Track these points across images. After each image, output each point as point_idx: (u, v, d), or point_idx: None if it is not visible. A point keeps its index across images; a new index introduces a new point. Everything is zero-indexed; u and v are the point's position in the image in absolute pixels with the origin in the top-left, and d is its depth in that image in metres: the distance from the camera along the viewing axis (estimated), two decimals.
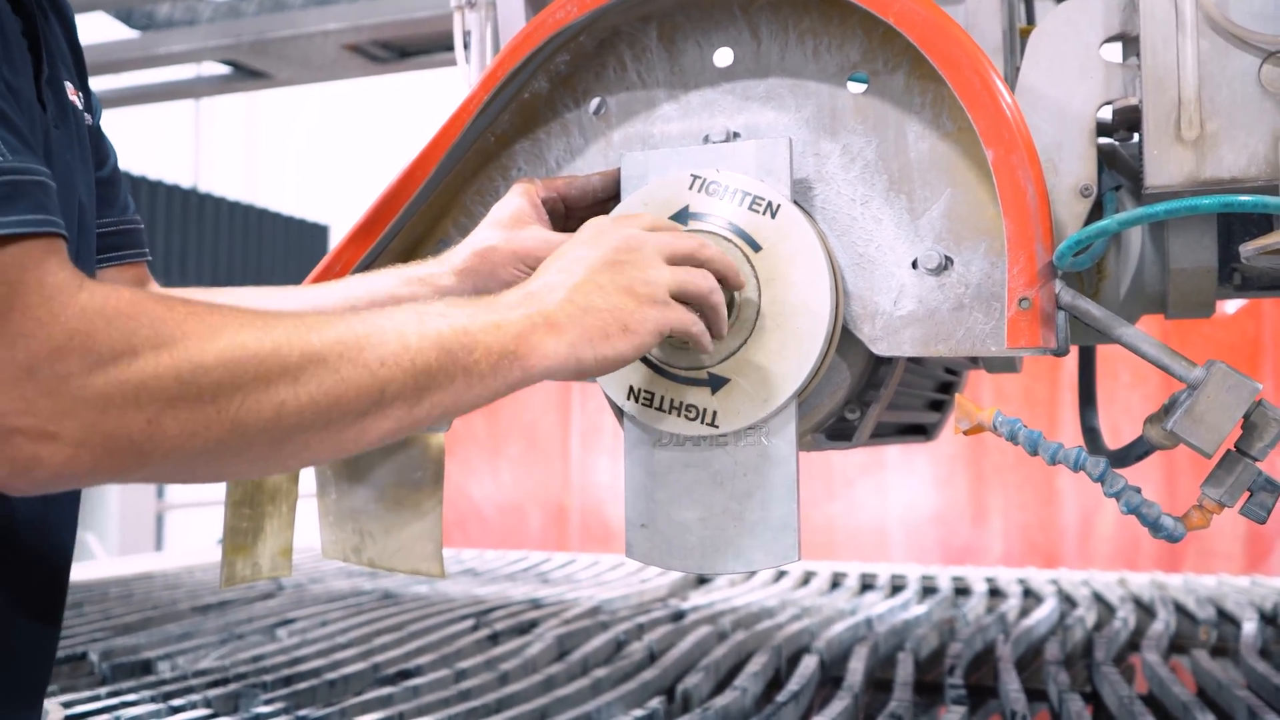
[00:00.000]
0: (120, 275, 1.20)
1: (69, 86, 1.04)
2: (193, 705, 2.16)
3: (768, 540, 1.19)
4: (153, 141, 9.15)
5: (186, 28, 3.35)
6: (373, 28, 3.11)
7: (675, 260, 1.03)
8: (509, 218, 1.21)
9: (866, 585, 3.92)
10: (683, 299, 1.03)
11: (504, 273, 1.19)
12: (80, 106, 1.06)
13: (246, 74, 3.56)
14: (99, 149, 1.15)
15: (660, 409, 1.21)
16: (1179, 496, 4.64)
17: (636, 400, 1.22)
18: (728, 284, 1.09)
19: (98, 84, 3.91)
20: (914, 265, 1.18)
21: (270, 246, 8.73)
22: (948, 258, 1.16)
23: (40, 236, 0.74)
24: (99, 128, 1.17)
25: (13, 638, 1.01)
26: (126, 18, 3.48)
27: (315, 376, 0.79)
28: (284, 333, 0.79)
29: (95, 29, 3.60)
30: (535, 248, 1.18)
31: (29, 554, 1.01)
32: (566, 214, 1.26)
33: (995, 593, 3.70)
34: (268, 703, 2.21)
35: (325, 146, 9.74)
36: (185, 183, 8.56)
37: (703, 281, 1.04)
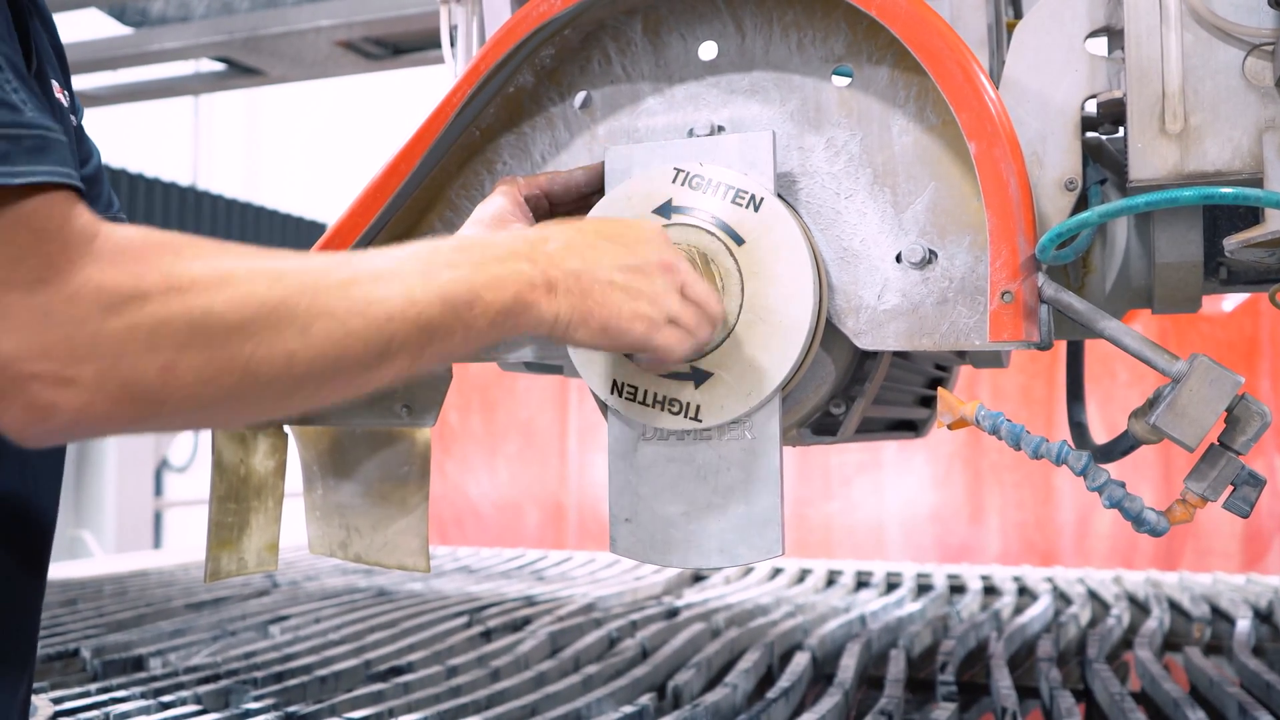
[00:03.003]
0: None
1: (55, 84, 1.05)
2: (182, 701, 2.16)
3: (751, 534, 1.18)
4: (152, 138, 9.15)
5: (179, 24, 3.35)
6: (365, 24, 3.12)
7: (688, 298, 1.05)
8: (491, 217, 1.21)
9: (862, 583, 3.91)
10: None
11: None
12: (66, 105, 1.08)
13: (240, 71, 3.56)
14: (81, 148, 1.16)
15: (644, 403, 1.21)
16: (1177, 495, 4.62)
17: (620, 394, 1.22)
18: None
19: (92, 81, 3.91)
20: (898, 259, 1.17)
21: (270, 244, 8.69)
22: (932, 251, 1.16)
23: (65, 188, 0.77)
24: (81, 127, 1.18)
25: None
26: (120, 14, 3.48)
27: (324, 329, 0.80)
28: (293, 283, 0.80)
29: (88, 26, 3.59)
30: None
31: (10, 525, 1.02)
32: (551, 210, 1.26)
33: (990, 590, 3.69)
34: (257, 699, 2.21)
35: (325, 144, 9.73)
36: (184, 180, 8.55)
37: (695, 324, 1.06)
